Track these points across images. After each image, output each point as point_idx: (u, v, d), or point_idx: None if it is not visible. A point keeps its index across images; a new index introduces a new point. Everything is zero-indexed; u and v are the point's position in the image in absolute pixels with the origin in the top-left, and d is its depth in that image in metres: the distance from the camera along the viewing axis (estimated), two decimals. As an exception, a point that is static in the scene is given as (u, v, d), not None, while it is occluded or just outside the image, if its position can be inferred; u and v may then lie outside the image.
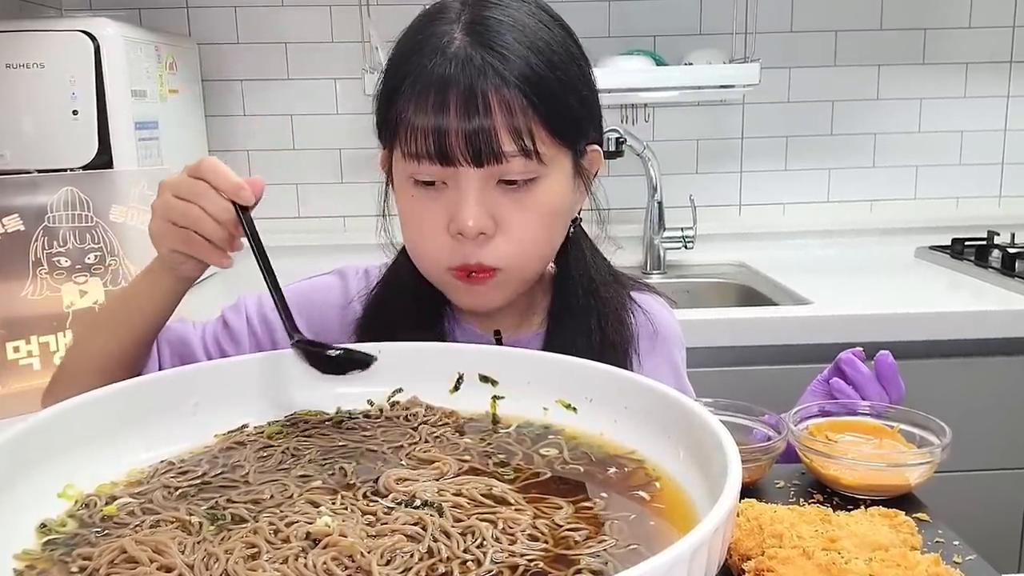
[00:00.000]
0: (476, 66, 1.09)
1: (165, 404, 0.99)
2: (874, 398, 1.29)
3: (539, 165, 1.13)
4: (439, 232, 1.15)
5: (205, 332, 1.34)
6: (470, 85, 1.09)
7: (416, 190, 1.16)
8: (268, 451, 0.97)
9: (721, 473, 0.72)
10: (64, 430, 0.90)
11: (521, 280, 1.21)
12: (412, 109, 1.12)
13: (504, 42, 1.11)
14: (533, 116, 1.11)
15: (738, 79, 2.70)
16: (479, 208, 1.12)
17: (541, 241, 1.19)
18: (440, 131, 1.10)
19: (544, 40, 1.14)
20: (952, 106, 3.08)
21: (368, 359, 1.07)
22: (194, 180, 1.09)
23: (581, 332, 1.27)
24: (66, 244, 1.77)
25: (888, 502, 1.05)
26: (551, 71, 1.13)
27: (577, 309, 1.28)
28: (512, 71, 1.10)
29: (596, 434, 0.99)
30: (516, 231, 1.15)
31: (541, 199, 1.15)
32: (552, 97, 1.12)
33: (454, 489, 0.85)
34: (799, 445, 1.12)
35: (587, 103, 1.20)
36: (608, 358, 1.24)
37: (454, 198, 1.13)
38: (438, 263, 1.18)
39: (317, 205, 3.05)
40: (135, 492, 0.88)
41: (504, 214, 1.14)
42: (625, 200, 2.98)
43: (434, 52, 1.11)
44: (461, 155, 1.10)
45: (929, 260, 2.79)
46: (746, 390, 1.42)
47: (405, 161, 1.15)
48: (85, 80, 2.17)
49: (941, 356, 2.17)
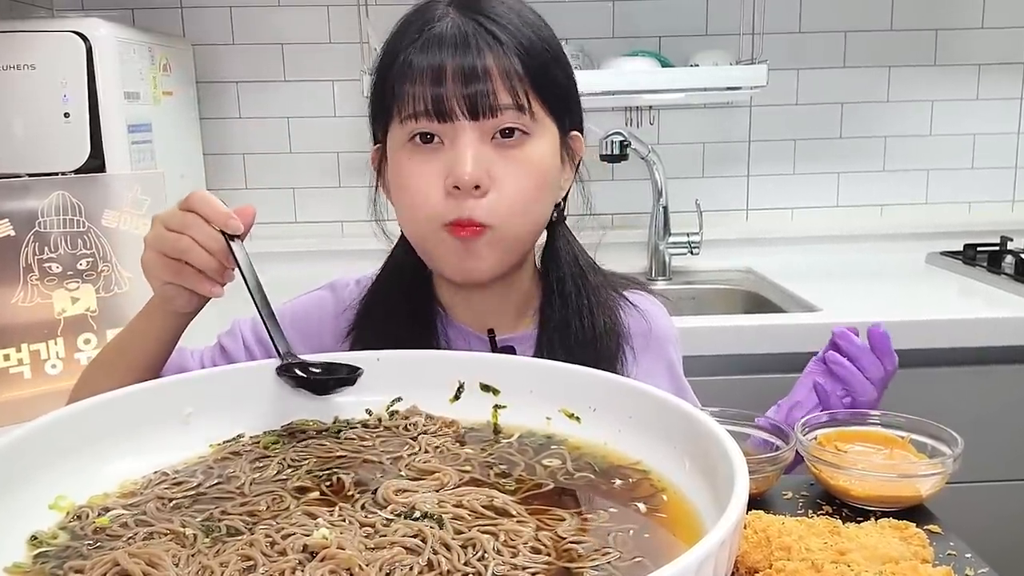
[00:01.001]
0: (470, 31, 1.17)
1: (158, 414, 1.00)
2: (870, 369, 1.33)
3: (531, 121, 1.20)
4: (434, 188, 1.19)
5: (203, 359, 1.39)
6: (467, 47, 1.16)
7: (413, 151, 1.21)
8: (264, 461, 0.97)
9: (728, 484, 0.72)
10: (55, 440, 0.90)
11: (509, 243, 1.24)
12: (409, 77, 1.18)
13: (496, 12, 1.20)
14: (526, 79, 1.19)
15: (745, 81, 2.70)
16: (475, 160, 1.17)
17: (531, 201, 1.23)
18: (437, 88, 1.16)
19: (530, 18, 1.24)
20: (964, 108, 3.08)
21: (353, 374, 1.08)
22: (184, 212, 1.12)
23: (573, 318, 1.32)
24: (57, 250, 1.77)
25: (899, 514, 1.05)
26: (539, 40, 1.22)
27: (567, 296, 1.33)
28: (506, 35, 1.18)
29: (600, 444, 0.99)
30: (509, 187, 1.20)
31: (532, 158, 1.21)
32: (541, 64, 1.21)
33: (455, 500, 0.85)
34: (807, 455, 1.12)
35: (571, 83, 1.29)
36: (603, 346, 1.28)
37: (451, 154, 1.18)
38: (432, 219, 1.21)
39: (314, 210, 3.06)
40: (128, 503, 0.88)
41: (498, 171, 1.19)
42: (629, 205, 2.98)
43: (426, 25, 1.19)
44: (458, 109, 1.16)
45: (940, 266, 2.79)
46: (753, 399, 1.42)
47: (402, 126, 1.21)
48: (77, 82, 2.17)
49: (953, 364, 2.17)
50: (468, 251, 1.21)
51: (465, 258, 1.22)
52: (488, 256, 1.22)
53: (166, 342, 1.24)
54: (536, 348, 1.32)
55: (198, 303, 1.19)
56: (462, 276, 1.26)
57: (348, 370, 1.09)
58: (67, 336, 1.79)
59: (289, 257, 2.89)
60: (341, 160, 3.03)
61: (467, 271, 1.24)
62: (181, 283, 1.13)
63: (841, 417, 1.23)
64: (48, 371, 1.77)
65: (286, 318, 1.29)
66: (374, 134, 1.30)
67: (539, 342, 1.32)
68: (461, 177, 1.16)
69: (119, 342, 1.28)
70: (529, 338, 1.34)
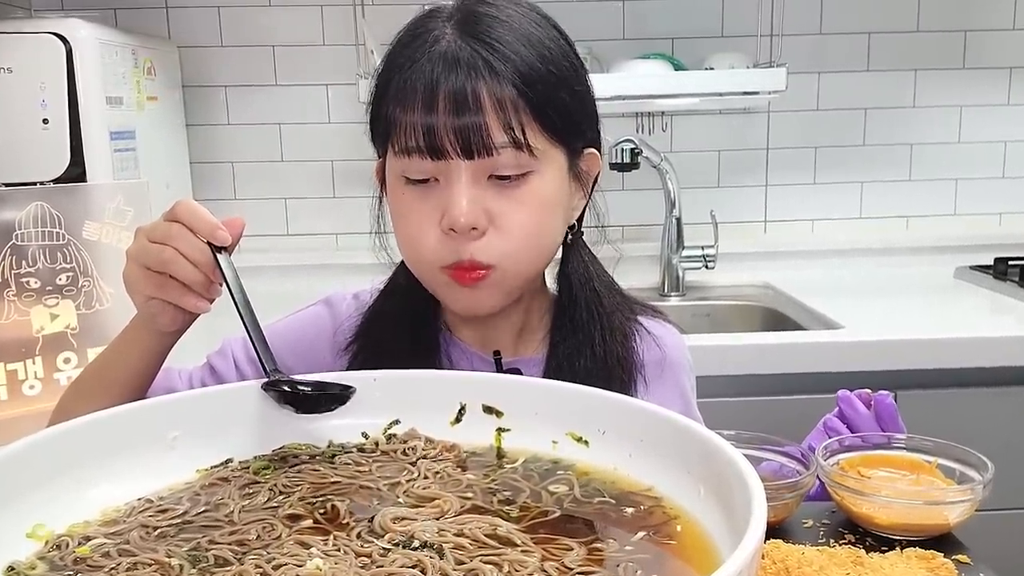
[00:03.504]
0: (465, 58, 1.15)
1: (143, 437, 0.99)
2: None
3: (531, 158, 1.17)
4: (431, 229, 1.19)
5: (191, 379, 1.38)
6: (459, 77, 1.14)
7: (407, 188, 1.21)
8: (254, 488, 0.97)
9: (745, 512, 0.72)
10: (33, 465, 0.90)
11: (515, 281, 1.24)
12: (402, 103, 1.17)
13: (494, 35, 1.17)
14: (524, 108, 1.16)
15: (763, 85, 2.71)
16: (471, 202, 1.16)
17: (534, 237, 1.21)
18: (430, 124, 1.14)
19: (536, 36, 1.20)
20: (995, 114, 3.09)
21: (346, 393, 1.08)
22: (169, 223, 1.11)
23: (584, 345, 1.31)
24: (35, 264, 1.78)
25: (925, 543, 1.05)
26: (542, 64, 1.18)
27: (579, 322, 1.32)
28: (502, 62, 1.15)
29: (610, 469, 0.99)
30: (508, 226, 1.18)
31: (534, 193, 1.19)
32: (543, 90, 1.17)
33: (456, 529, 0.86)
34: (829, 481, 1.12)
35: (581, 101, 1.25)
36: (615, 375, 1.27)
37: (445, 194, 1.17)
38: (431, 262, 1.21)
39: (307, 222, 3.06)
40: (110, 532, 0.88)
41: (496, 209, 1.18)
42: (641, 216, 2.98)
43: (424, 46, 1.17)
44: (451, 148, 1.15)
45: (970, 281, 2.79)
46: (771, 422, 1.42)
47: (397, 159, 1.20)
48: (56, 86, 2.18)
49: (983, 385, 2.17)
50: (472, 292, 1.21)
51: (470, 297, 1.22)
52: (494, 294, 1.23)
53: (150, 363, 1.24)
54: (544, 374, 1.31)
55: (183, 321, 1.19)
56: (468, 312, 1.27)
57: (339, 388, 1.08)
58: (46, 355, 1.79)
59: (281, 272, 2.90)
60: (336, 169, 3.04)
61: (473, 309, 1.25)
62: (164, 298, 1.13)
63: (864, 441, 1.23)
64: (26, 392, 1.77)
65: (280, 336, 1.29)
66: (376, 148, 1.29)
67: (547, 367, 1.32)
68: (456, 220, 1.15)
69: (101, 363, 1.28)
70: (537, 362, 1.34)
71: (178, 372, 1.38)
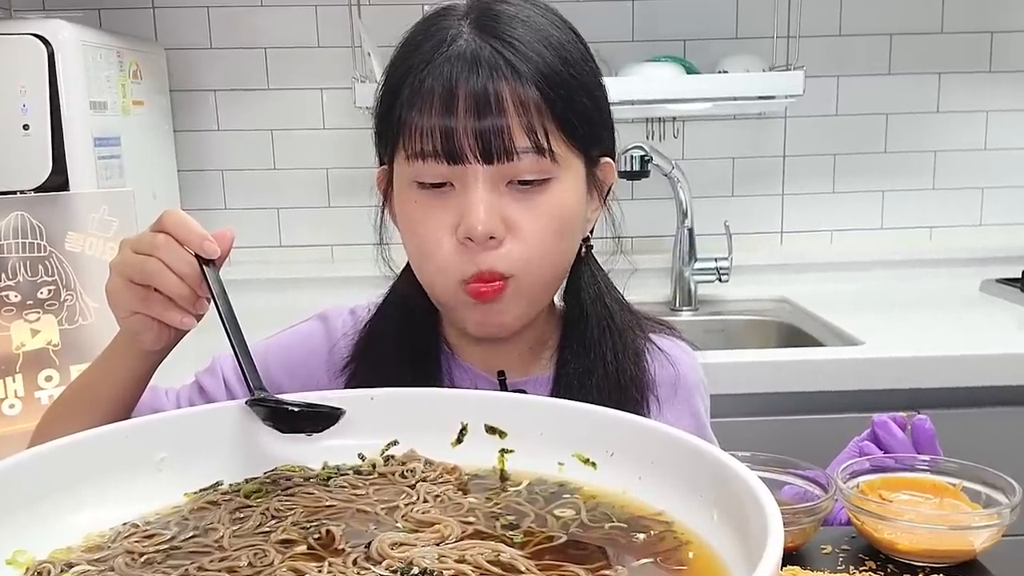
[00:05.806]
0: (486, 58, 1.14)
1: (128, 458, 0.99)
2: None
3: (552, 164, 1.18)
4: (445, 238, 1.18)
5: (179, 398, 1.38)
6: (480, 78, 1.14)
7: (420, 194, 1.20)
8: (245, 512, 0.97)
9: (760, 537, 0.73)
10: (13, 489, 0.90)
11: (534, 292, 1.24)
12: (417, 105, 1.16)
13: (515, 34, 1.17)
14: (547, 112, 1.16)
15: (779, 89, 2.72)
16: (489, 209, 1.15)
17: (553, 248, 1.21)
18: (448, 127, 1.14)
19: (555, 37, 1.20)
20: (1023, 120, 3.09)
21: (335, 414, 1.07)
22: (155, 233, 1.11)
23: (596, 364, 1.30)
24: (15, 276, 1.78)
25: (950, 569, 1.05)
26: (564, 66, 1.18)
27: (591, 340, 1.31)
28: (524, 63, 1.15)
29: (618, 492, 0.99)
30: (528, 235, 1.18)
31: (554, 202, 1.19)
32: (565, 94, 1.18)
33: (457, 555, 0.86)
34: (849, 505, 1.12)
35: (600, 107, 1.27)
36: (628, 396, 1.26)
37: (462, 200, 1.17)
38: (447, 276, 1.20)
39: (301, 233, 3.07)
40: (94, 559, 0.88)
41: (515, 217, 1.17)
42: (651, 227, 2.99)
43: (439, 45, 1.17)
44: (470, 151, 1.14)
45: (996, 294, 2.79)
46: (788, 443, 1.42)
47: (408, 164, 1.19)
48: (37, 90, 2.19)
49: (1010, 404, 2.17)
50: (490, 308, 1.21)
51: (487, 314, 1.22)
52: (512, 309, 1.22)
53: (135, 383, 1.23)
54: (552, 394, 1.31)
55: (168, 339, 1.17)
56: (484, 333, 1.26)
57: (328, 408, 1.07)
58: (26, 372, 1.79)
59: (273, 285, 2.90)
60: (331, 177, 3.04)
61: (490, 328, 1.25)
62: (147, 312, 1.12)
63: (886, 463, 1.23)
64: (5, 411, 1.77)
65: (271, 353, 1.28)
66: (379, 155, 1.29)
67: (555, 387, 1.32)
68: (474, 229, 1.14)
69: (84, 382, 1.27)
70: (544, 381, 1.34)
71: (165, 391, 1.37)
